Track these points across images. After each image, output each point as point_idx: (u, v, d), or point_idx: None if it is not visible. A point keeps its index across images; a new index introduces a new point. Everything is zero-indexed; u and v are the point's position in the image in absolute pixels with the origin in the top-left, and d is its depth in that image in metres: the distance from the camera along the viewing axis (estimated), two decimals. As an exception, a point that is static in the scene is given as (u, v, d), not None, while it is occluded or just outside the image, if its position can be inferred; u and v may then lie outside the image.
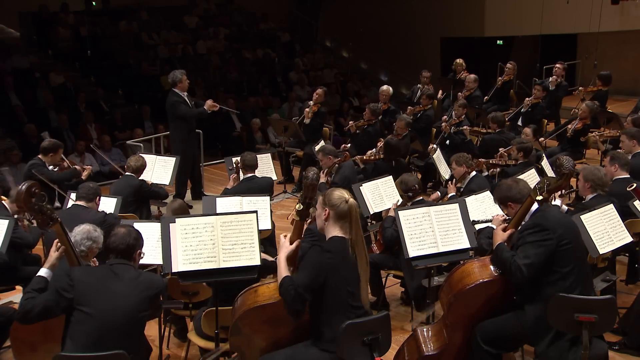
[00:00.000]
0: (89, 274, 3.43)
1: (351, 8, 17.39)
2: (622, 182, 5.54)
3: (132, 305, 3.33)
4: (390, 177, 6.39)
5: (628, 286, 5.82)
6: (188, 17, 15.84)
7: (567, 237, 3.66)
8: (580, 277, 3.68)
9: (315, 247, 3.42)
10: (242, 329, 3.60)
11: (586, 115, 8.43)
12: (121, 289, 3.35)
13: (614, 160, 5.68)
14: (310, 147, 8.71)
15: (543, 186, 3.68)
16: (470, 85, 10.16)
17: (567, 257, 3.64)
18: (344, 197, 3.43)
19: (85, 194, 5.30)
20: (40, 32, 14.26)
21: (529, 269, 3.59)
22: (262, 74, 15.11)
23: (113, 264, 3.47)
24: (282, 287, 3.35)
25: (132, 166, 6.51)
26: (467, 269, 3.84)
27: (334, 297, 3.36)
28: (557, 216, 3.78)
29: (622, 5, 13.48)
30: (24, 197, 3.49)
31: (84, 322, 3.28)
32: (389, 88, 9.82)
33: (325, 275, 3.34)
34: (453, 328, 3.86)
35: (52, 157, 6.73)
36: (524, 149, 6.82)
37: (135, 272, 3.48)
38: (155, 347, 4.70)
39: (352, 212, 3.41)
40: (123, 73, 13.80)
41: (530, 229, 3.68)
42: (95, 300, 3.29)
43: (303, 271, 3.38)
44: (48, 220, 3.52)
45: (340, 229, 3.42)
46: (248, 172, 6.38)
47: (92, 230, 3.97)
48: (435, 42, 16.24)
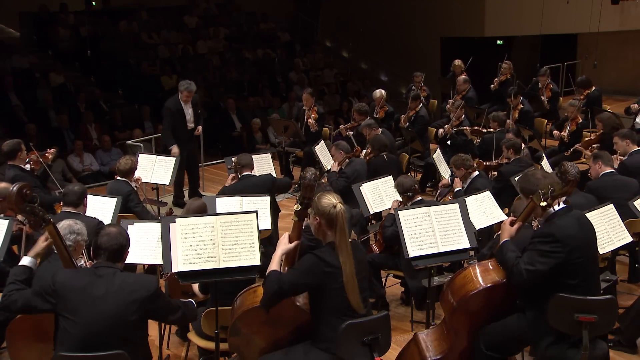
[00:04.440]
0: (72, 279, 3.30)
1: (351, 8, 17.39)
2: (610, 175, 5.82)
3: (117, 309, 3.22)
4: (390, 177, 6.40)
5: (628, 286, 5.83)
6: (188, 17, 15.84)
7: (578, 252, 3.56)
8: (588, 288, 3.61)
9: (311, 255, 3.39)
10: (241, 329, 3.60)
11: (575, 115, 8.50)
12: (105, 293, 3.23)
13: (597, 158, 5.93)
14: (310, 147, 8.71)
15: (547, 192, 3.61)
16: (461, 87, 10.14)
17: (575, 270, 3.57)
18: (332, 202, 3.42)
19: (71, 200, 5.00)
20: (40, 32, 14.26)
21: (530, 275, 3.54)
22: (262, 74, 15.10)
23: (98, 267, 3.36)
24: (267, 279, 3.38)
25: (121, 170, 6.35)
26: (469, 274, 3.80)
27: (331, 302, 3.37)
28: (573, 228, 3.62)
29: (622, 5, 13.48)
30: (15, 199, 3.42)
31: (68, 328, 3.21)
32: (382, 92, 9.74)
33: (318, 282, 3.34)
34: (455, 333, 3.84)
35: (20, 156, 6.33)
36: (512, 145, 6.91)
37: (122, 275, 3.35)
38: (155, 347, 4.70)
39: (338, 218, 3.39)
40: (123, 73, 13.80)
41: (542, 237, 3.59)
42: (79, 305, 3.20)
43: (294, 271, 3.40)
44: (40, 222, 3.46)
45: (333, 234, 3.42)
46: (245, 171, 6.42)
47: (72, 223, 3.88)
48: (435, 42, 16.23)
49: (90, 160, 10.68)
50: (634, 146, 6.54)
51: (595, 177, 5.91)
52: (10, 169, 6.28)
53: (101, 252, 3.39)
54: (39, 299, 3.28)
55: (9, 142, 6.42)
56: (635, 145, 6.56)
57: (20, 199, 3.42)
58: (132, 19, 14.98)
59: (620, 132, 6.83)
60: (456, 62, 11.18)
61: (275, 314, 3.46)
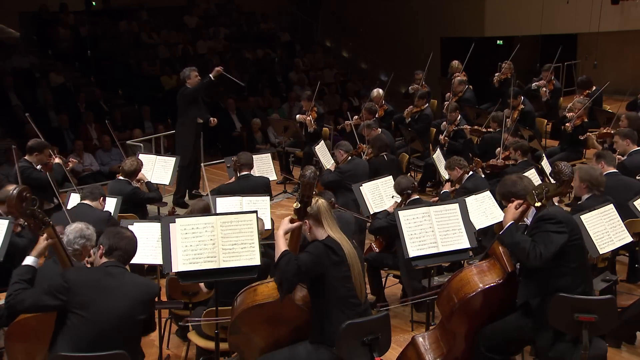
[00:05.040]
0: (84, 277, 3.37)
1: (351, 8, 17.39)
2: (612, 175, 5.72)
3: (129, 307, 3.28)
4: (390, 177, 6.40)
5: (628, 286, 5.83)
6: (188, 17, 15.83)
7: (577, 233, 3.71)
8: (584, 275, 3.71)
9: (319, 243, 3.45)
10: (241, 327, 3.60)
11: (582, 113, 8.44)
12: (118, 291, 3.29)
13: (600, 158, 5.87)
14: (310, 147, 8.71)
15: (542, 192, 3.65)
16: (457, 89, 10.11)
17: (574, 252, 3.66)
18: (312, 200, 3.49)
19: (90, 193, 5.53)
20: (40, 32, 14.25)
21: (546, 255, 3.56)
22: (262, 74, 15.10)
23: (109, 265, 3.41)
24: (282, 259, 3.36)
25: (125, 170, 6.45)
26: (465, 276, 3.80)
27: (333, 293, 3.39)
28: (564, 213, 3.81)
29: (622, 5, 13.48)
30: (15, 202, 3.43)
31: (79, 326, 3.23)
32: (379, 91, 9.75)
33: (324, 270, 3.37)
34: (453, 335, 3.84)
35: (38, 157, 6.56)
36: (520, 147, 6.85)
37: (131, 275, 3.44)
38: (155, 347, 4.71)
39: (321, 211, 3.48)
40: (123, 73, 13.80)
41: (547, 220, 3.65)
42: (91, 300, 3.24)
43: (309, 255, 3.41)
44: (40, 225, 3.48)
45: (325, 229, 3.49)
46: (244, 170, 6.42)
47: (84, 228, 3.94)
48: (435, 42, 16.23)
49: (90, 160, 10.68)
50: (634, 146, 6.52)
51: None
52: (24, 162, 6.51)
53: (117, 253, 3.45)
54: (49, 297, 3.30)
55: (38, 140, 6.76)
56: (635, 145, 6.54)
57: (20, 203, 3.42)
58: (132, 19, 14.98)
59: (621, 130, 6.79)
60: (453, 63, 11.15)
61: (275, 312, 3.47)
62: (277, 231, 3.56)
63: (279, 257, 3.39)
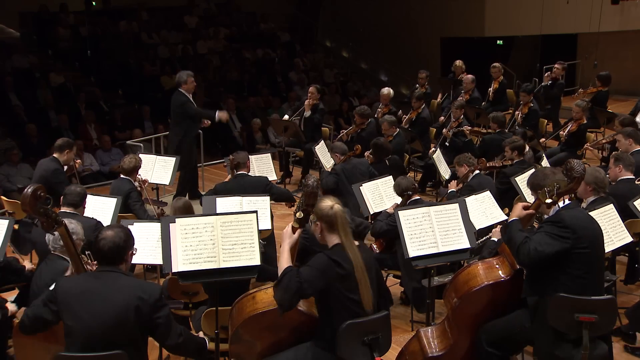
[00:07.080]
0: (72, 287, 3.28)
1: (351, 8, 17.40)
2: (627, 182, 5.58)
3: (115, 311, 3.17)
4: (390, 177, 6.40)
5: (628, 286, 5.82)
6: (188, 17, 15.85)
7: (585, 242, 3.58)
8: (592, 285, 3.61)
9: (323, 255, 3.38)
10: (242, 336, 3.58)
11: (580, 116, 8.43)
12: (103, 297, 3.20)
13: (618, 161, 5.70)
14: (310, 146, 8.71)
15: (553, 189, 3.62)
16: (468, 86, 10.15)
17: (581, 261, 3.57)
18: (329, 204, 3.44)
19: (73, 200, 5.01)
20: (40, 32, 14.26)
21: (535, 255, 3.53)
22: (262, 74, 15.11)
23: (100, 270, 3.34)
24: (285, 276, 3.28)
25: (125, 168, 6.37)
26: (473, 270, 3.82)
27: (340, 305, 3.35)
28: (583, 219, 3.70)
29: (622, 5, 13.48)
30: (29, 201, 3.43)
31: (69, 334, 3.20)
32: (389, 91, 9.79)
33: (328, 284, 3.32)
34: (458, 329, 3.85)
35: (68, 155, 6.48)
36: (517, 147, 6.87)
37: (125, 279, 3.31)
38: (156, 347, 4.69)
39: (337, 218, 3.41)
40: (123, 73, 13.80)
41: (553, 222, 3.62)
42: (77, 311, 3.18)
43: (311, 270, 3.33)
44: (53, 223, 3.48)
45: (337, 236, 3.43)
46: (241, 169, 6.40)
47: (67, 223, 3.79)
48: (435, 42, 16.24)
49: (90, 160, 10.68)
50: (637, 146, 6.49)
51: (613, 180, 5.71)
52: (54, 161, 6.41)
53: (98, 256, 3.36)
54: (46, 309, 3.29)
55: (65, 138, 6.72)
56: (638, 145, 6.52)
57: (35, 201, 3.42)
58: (132, 19, 14.99)
59: (624, 130, 6.76)
60: (457, 63, 11.18)
61: (277, 319, 3.43)
62: (282, 244, 3.50)
63: (281, 274, 3.32)
